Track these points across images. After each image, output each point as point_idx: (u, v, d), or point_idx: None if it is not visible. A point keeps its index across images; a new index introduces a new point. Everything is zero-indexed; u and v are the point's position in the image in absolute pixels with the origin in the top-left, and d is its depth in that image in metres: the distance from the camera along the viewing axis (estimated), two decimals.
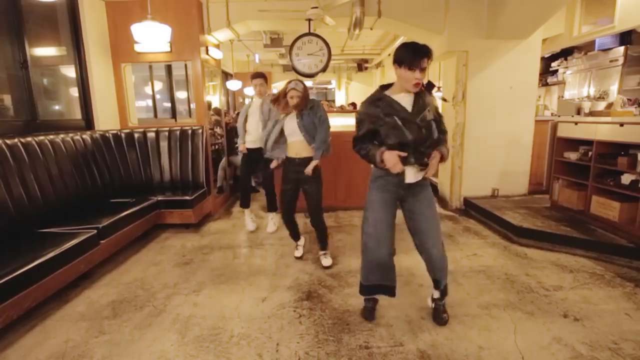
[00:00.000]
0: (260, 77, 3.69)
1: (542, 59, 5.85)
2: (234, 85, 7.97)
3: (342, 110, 8.88)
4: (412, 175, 1.96)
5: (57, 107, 3.99)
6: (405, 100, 1.93)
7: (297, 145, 2.85)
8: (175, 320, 2.24)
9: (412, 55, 1.82)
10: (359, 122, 2.03)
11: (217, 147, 5.16)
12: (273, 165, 3.12)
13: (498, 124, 4.62)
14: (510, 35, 4.37)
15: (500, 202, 4.38)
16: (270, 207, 3.91)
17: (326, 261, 2.99)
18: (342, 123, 4.51)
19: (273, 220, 3.89)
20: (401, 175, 1.94)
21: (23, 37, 3.18)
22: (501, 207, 4.15)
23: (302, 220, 4.18)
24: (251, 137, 3.78)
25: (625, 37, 4.97)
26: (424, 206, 2.00)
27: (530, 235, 3.39)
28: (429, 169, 1.94)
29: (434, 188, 4.95)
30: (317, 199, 2.89)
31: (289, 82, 2.82)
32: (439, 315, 2.16)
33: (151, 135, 4.21)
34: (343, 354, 1.91)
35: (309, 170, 2.80)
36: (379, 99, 1.96)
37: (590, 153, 3.54)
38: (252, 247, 3.46)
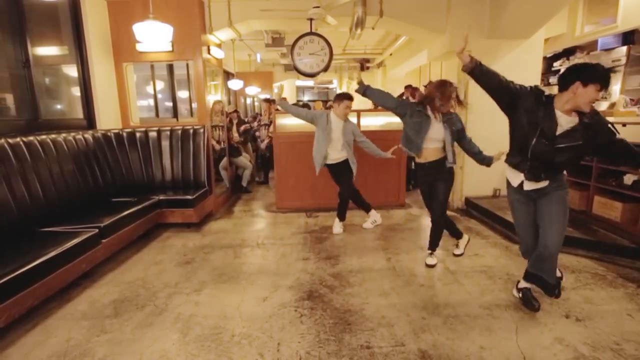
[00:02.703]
0: (351, 99, 3.57)
1: (544, 58, 5.84)
2: (235, 84, 7.98)
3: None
4: (529, 183, 2.12)
5: (59, 107, 3.99)
6: (566, 121, 1.92)
7: (431, 151, 2.82)
8: (177, 320, 2.24)
9: (606, 76, 1.78)
10: (511, 83, 2.21)
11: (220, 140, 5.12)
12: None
13: (499, 123, 4.57)
14: (513, 35, 4.36)
15: (501, 202, 4.37)
16: (341, 213, 3.82)
17: (431, 260, 2.96)
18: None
19: (340, 224, 3.82)
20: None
21: (25, 36, 3.18)
22: (502, 207, 4.14)
23: (303, 220, 4.19)
24: (333, 156, 3.64)
25: (628, 37, 4.94)
26: (552, 202, 2.10)
27: None
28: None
29: None
30: (442, 198, 2.88)
31: (449, 83, 2.72)
32: (529, 301, 2.28)
33: (153, 134, 4.21)
34: (344, 353, 1.91)
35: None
36: (543, 101, 2.00)
37: None
38: (253, 246, 3.46)
